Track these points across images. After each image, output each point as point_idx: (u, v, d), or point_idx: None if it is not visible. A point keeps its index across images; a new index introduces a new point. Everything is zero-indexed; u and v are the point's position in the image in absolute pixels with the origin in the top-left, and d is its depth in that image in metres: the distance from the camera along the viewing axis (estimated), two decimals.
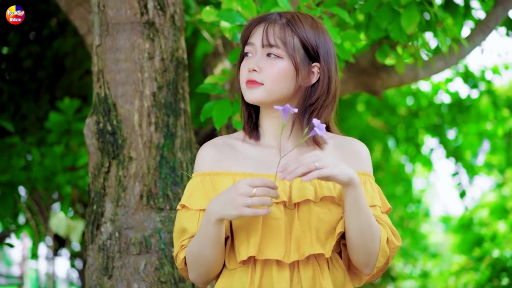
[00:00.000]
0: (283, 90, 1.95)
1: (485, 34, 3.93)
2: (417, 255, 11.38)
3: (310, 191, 1.91)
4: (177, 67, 2.81)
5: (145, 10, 2.75)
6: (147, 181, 2.69)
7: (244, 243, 1.90)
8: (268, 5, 2.72)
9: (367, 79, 4.08)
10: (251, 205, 1.79)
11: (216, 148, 2.02)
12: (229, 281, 1.95)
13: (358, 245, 1.92)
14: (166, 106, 2.75)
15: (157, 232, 2.67)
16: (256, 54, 1.96)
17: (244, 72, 1.97)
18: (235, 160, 1.99)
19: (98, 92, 2.77)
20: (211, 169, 1.99)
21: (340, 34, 2.88)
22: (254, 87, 1.94)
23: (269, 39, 1.94)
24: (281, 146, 1.99)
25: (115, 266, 2.65)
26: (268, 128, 2.03)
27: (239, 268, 1.94)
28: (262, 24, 1.97)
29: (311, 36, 1.96)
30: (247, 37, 2.00)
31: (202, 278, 2.01)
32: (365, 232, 1.90)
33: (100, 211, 2.70)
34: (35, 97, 5.79)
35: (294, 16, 1.98)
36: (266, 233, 1.89)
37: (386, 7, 3.16)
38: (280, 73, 1.94)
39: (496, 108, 7.54)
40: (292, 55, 1.94)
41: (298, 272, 1.91)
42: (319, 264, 1.93)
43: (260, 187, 1.79)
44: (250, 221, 1.90)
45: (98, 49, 2.79)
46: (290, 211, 1.91)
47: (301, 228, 1.90)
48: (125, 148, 2.70)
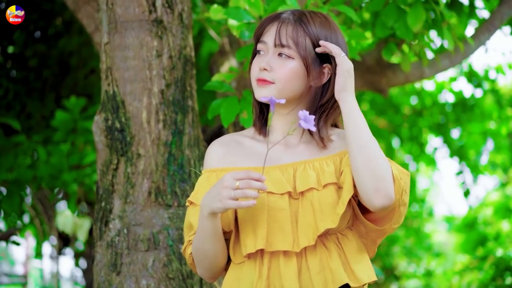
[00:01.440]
0: (294, 89, 1.97)
1: (490, 32, 3.94)
2: (421, 254, 11.37)
3: (313, 178, 1.93)
4: (185, 65, 2.83)
5: (153, 8, 2.77)
6: (155, 178, 2.71)
7: (250, 235, 1.92)
8: (275, 3, 2.73)
9: (372, 77, 4.09)
10: (234, 197, 1.81)
11: (224, 145, 2.05)
12: (237, 276, 1.96)
13: (361, 165, 1.88)
14: (174, 104, 2.77)
15: (165, 228, 2.69)
16: (268, 52, 1.98)
17: (255, 70, 1.99)
18: (242, 156, 2.02)
19: (106, 90, 2.79)
20: (218, 165, 2.02)
21: (347, 32, 2.89)
22: (265, 85, 1.96)
23: (282, 39, 1.96)
24: (289, 142, 2.02)
25: (124, 262, 2.67)
26: (277, 125, 2.05)
27: (246, 262, 1.95)
28: (275, 23, 1.99)
29: (323, 37, 1.98)
30: (260, 35, 2.02)
31: (207, 273, 2.03)
32: (366, 148, 1.89)
33: (109, 208, 2.72)
34: (40, 96, 5.82)
35: (307, 16, 1.99)
36: (273, 225, 1.91)
37: (392, 5, 3.17)
38: (291, 73, 1.95)
39: (500, 107, 7.54)
40: (304, 56, 1.95)
41: (305, 260, 1.92)
42: (327, 247, 1.93)
43: (244, 180, 1.81)
44: (255, 214, 1.92)
45: (106, 46, 2.81)
46: (295, 201, 1.93)
47: (306, 215, 1.91)
48: (133, 145, 2.72)
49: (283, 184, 1.93)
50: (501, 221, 9.27)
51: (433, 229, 13.37)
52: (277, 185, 1.93)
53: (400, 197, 1.93)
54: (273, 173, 1.95)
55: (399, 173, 1.94)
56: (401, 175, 1.94)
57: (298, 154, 2.00)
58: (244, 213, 1.94)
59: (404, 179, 1.95)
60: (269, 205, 1.91)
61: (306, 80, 1.98)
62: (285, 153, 2.01)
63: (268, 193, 1.92)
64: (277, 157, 2.00)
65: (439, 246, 13.22)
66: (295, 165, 1.96)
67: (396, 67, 4.12)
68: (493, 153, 8.54)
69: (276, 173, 1.95)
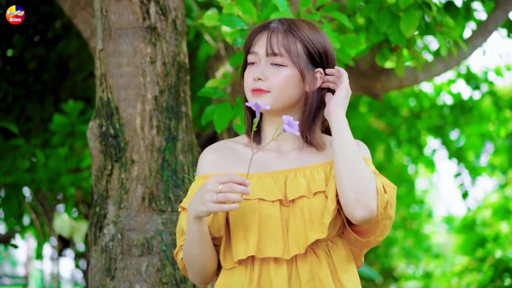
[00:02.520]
0: (290, 96, 2.00)
1: (484, 37, 3.96)
2: (420, 256, 11.38)
3: (303, 186, 1.96)
4: (178, 71, 2.85)
5: (147, 15, 2.79)
6: (149, 183, 2.73)
7: (242, 242, 1.94)
8: (268, 10, 2.76)
9: (367, 82, 4.11)
10: (216, 200, 1.83)
11: (217, 152, 2.07)
12: (228, 281, 1.98)
13: (344, 176, 1.91)
14: (168, 110, 2.80)
15: (159, 234, 2.71)
16: (260, 62, 2.00)
17: (249, 80, 2.01)
18: (234, 163, 2.04)
19: (101, 96, 2.82)
20: (211, 171, 2.04)
21: (340, 38, 2.91)
22: (261, 94, 1.98)
23: (273, 48, 1.98)
24: (281, 149, 2.04)
25: (118, 267, 2.69)
26: (270, 133, 2.07)
27: (237, 268, 1.97)
28: (264, 33, 2.01)
29: (313, 42, 2.01)
30: (250, 46, 2.04)
31: (198, 277, 2.06)
32: (350, 160, 1.92)
33: (103, 213, 2.74)
34: (39, 99, 5.83)
35: (295, 23, 2.02)
36: (264, 232, 1.93)
37: (385, 11, 3.18)
38: (285, 80, 1.98)
39: (498, 109, 7.55)
40: (297, 63, 1.98)
41: (296, 267, 1.94)
42: (317, 255, 1.95)
43: (226, 184, 1.83)
44: (247, 220, 1.94)
45: (101, 53, 2.83)
46: (286, 208, 1.96)
47: (296, 223, 1.93)
48: (127, 151, 2.74)
49: (274, 191, 1.95)
50: (500, 222, 9.29)
51: (433, 230, 13.37)
52: (268, 192, 1.95)
53: (384, 210, 1.94)
54: (265, 180, 1.97)
55: (384, 186, 1.95)
56: (387, 189, 1.96)
57: (290, 161, 2.02)
58: (235, 219, 1.96)
59: (390, 193, 1.96)
60: (261, 212, 1.94)
61: (301, 86, 2.01)
62: (277, 159, 2.03)
63: (259, 200, 1.94)
64: (269, 163, 2.02)
65: (439, 247, 13.23)
66: (286, 172, 1.99)
67: (390, 72, 4.13)
68: (492, 154, 8.55)
69: (267, 180, 1.97)
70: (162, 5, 2.82)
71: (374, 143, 7.82)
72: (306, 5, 2.77)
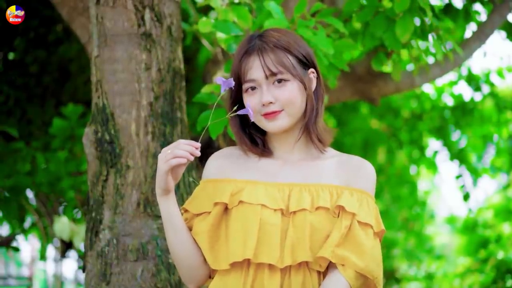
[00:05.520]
0: (300, 107, 2.06)
1: (481, 41, 3.97)
2: (422, 257, 11.37)
3: (307, 200, 1.99)
4: (173, 77, 2.87)
5: (142, 22, 2.81)
6: (144, 189, 2.75)
7: (240, 244, 1.97)
8: (263, 16, 2.77)
9: (363, 86, 4.12)
10: (167, 159, 1.93)
11: (223, 158, 2.14)
12: (222, 285, 2.01)
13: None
14: (163, 116, 2.82)
15: (154, 239, 2.73)
16: (262, 86, 2.03)
17: (257, 107, 2.04)
18: (239, 169, 2.10)
19: (96, 102, 2.84)
20: (216, 176, 2.10)
21: (336, 43, 2.92)
22: (276, 116, 2.03)
23: (271, 69, 2.01)
24: (286, 157, 2.10)
25: (113, 272, 2.71)
26: (278, 146, 2.13)
27: (232, 272, 2.00)
28: (254, 57, 2.03)
29: (297, 48, 2.06)
30: (242, 74, 2.05)
31: (187, 277, 2.11)
32: None
33: (99, 219, 2.77)
34: (40, 102, 5.85)
35: (273, 36, 2.05)
36: (263, 238, 1.97)
37: (381, 16, 3.19)
38: (293, 94, 2.03)
39: (499, 110, 7.54)
40: (296, 74, 2.02)
41: (289, 277, 1.97)
42: (310, 271, 1.99)
43: (173, 144, 1.95)
44: (247, 224, 1.97)
45: (96, 59, 2.85)
46: (287, 219, 1.99)
47: (295, 234, 1.97)
48: (122, 157, 2.76)
49: (277, 200, 2.00)
50: (502, 223, 9.27)
51: (435, 231, 13.36)
52: (272, 200, 1.99)
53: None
54: (270, 188, 2.02)
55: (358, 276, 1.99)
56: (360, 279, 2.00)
57: (297, 173, 2.07)
58: (236, 221, 2.00)
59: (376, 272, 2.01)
60: (262, 218, 1.98)
61: (304, 93, 2.06)
62: (284, 169, 2.08)
63: (262, 206, 1.98)
64: (276, 172, 2.07)
65: (442, 248, 13.21)
66: (291, 186, 2.03)
67: (387, 76, 4.14)
68: (494, 156, 8.54)
69: (272, 189, 2.02)
70: (157, 12, 2.84)
71: (375, 145, 7.83)
72: (301, 11, 2.78)
